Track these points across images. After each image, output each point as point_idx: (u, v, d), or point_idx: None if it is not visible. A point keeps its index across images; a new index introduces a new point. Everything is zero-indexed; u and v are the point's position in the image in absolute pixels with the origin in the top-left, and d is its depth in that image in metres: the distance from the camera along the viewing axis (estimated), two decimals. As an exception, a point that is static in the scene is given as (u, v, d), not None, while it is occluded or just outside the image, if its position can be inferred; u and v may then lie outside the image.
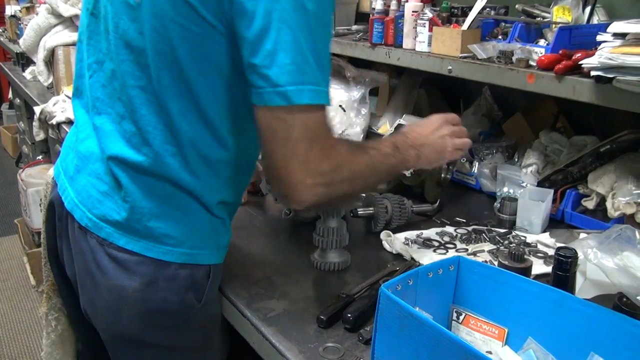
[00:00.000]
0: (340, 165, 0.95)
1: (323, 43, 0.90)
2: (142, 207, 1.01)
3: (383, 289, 0.83)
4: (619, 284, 1.02)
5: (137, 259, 1.01)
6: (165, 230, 1.01)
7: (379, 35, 1.74)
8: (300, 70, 0.86)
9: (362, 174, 1.01)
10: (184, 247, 1.03)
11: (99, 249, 1.03)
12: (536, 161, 1.60)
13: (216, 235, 1.08)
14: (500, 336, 0.92)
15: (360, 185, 1.04)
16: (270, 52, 0.85)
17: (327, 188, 0.94)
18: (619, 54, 1.11)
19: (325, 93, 0.90)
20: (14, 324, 3.02)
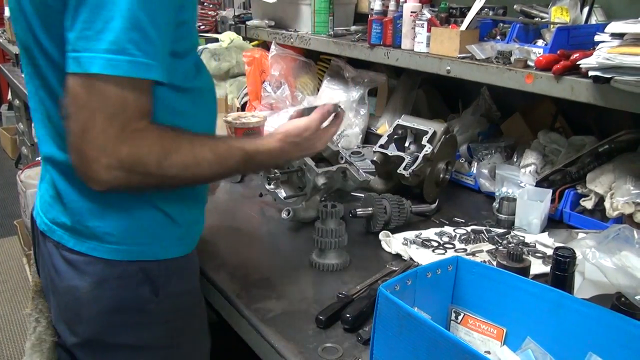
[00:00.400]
0: (148, 157, 0.89)
1: (145, 10, 0.83)
2: (80, 208, 1.00)
3: (382, 289, 0.83)
4: (617, 283, 1.02)
5: (86, 260, 1.01)
6: (105, 228, 1.00)
7: (378, 35, 1.75)
8: (97, 36, 0.81)
9: (177, 176, 0.95)
10: (128, 244, 1.01)
11: (55, 252, 1.04)
12: (535, 161, 1.60)
13: (163, 229, 1.05)
14: (499, 336, 0.92)
15: (173, 184, 0.99)
16: (72, 14, 0.82)
17: (127, 174, 0.88)
18: (617, 54, 1.11)
19: (137, 65, 0.83)
20: (13, 325, 3.01)
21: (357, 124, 2.08)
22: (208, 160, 0.98)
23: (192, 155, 0.95)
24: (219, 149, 1.01)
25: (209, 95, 1.11)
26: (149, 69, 0.84)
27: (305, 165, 1.46)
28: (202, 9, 2.70)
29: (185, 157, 0.94)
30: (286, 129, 1.15)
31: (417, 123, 1.64)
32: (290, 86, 2.21)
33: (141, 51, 0.83)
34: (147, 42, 0.83)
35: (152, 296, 1.04)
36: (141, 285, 1.03)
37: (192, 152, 0.95)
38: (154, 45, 0.84)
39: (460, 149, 1.81)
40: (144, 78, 0.85)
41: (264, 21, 2.34)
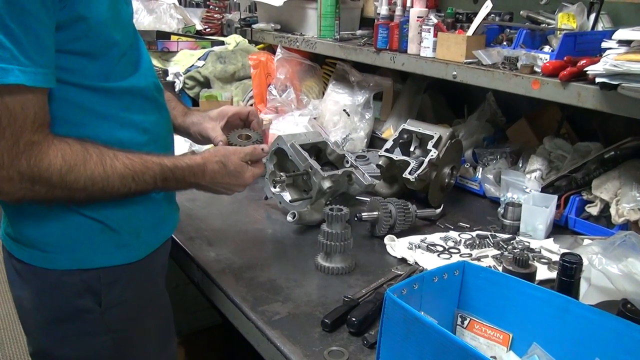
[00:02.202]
0: (47, 171, 0.88)
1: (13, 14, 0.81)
2: (15, 217, 1.00)
3: (389, 293, 0.84)
4: (623, 290, 1.02)
5: (29, 269, 1.01)
6: (41, 237, 1.00)
7: (384, 40, 1.75)
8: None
9: (85, 190, 0.93)
10: (62, 252, 1.00)
11: (8, 261, 1.05)
12: (540, 167, 1.60)
13: (97, 236, 1.03)
14: (505, 341, 0.92)
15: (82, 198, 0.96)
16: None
17: (32, 188, 0.88)
18: (624, 60, 1.12)
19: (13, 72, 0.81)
20: (16, 325, 3.02)
21: (362, 128, 2.08)
22: (120, 174, 0.96)
23: (100, 169, 0.93)
24: (134, 163, 0.98)
25: (150, 94, 1.07)
26: (5, 73, 0.82)
27: (311, 169, 1.46)
28: (208, 12, 2.72)
29: (93, 171, 0.92)
30: (215, 148, 1.16)
31: (422, 128, 1.65)
32: (296, 90, 2.22)
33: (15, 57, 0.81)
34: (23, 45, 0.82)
35: (95, 306, 1.03)
36: (82, 295, 1.02)
37: (101, 166, 0.94)
38: (7, 49, 0.82)
39: (466, 154, 1.81)
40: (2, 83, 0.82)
41: (269, 24, 2.35)
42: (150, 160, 1.02)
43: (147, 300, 1.12)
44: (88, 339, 1.05)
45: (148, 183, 1.00)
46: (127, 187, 0.98)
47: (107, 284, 1.04)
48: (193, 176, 1.09)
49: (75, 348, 1.05)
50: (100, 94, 0.97)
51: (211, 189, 1.16)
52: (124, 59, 1.00)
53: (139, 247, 1.08)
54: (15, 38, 0.82)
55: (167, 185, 1.05)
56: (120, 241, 1.05)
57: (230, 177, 1.15)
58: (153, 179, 1.01)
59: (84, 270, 1.02)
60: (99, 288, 1.03)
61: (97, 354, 1.06)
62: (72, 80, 0.93)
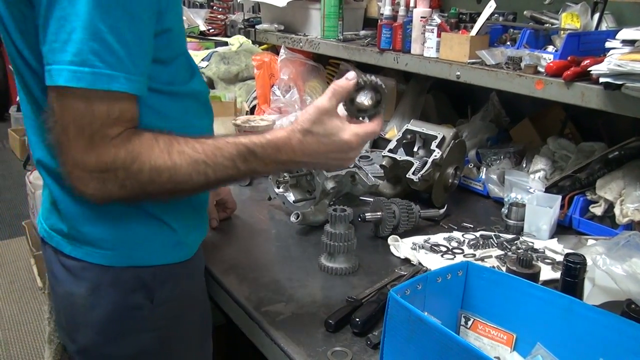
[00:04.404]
0: (115, 165, 0.86)
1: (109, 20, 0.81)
2: (73, 213, 1.00)
3: (392, 293, 0.84)
4: (627, 290, 1.02)
5: (81, 265, 1.01)
6: (99, 234, 1.00)
7: (387, 40, 1.75)
8: (62, 48, 0.80)
9: (153, 181, 0.89)
10: (122, 250, 1.01)
11: (54, 258, 1.05)
12: (544, 167, 1.60)
13: (157, 235, 1.04)
14: (509, 342, 0.92)
15: (156, 191, 0.92)
16: (42, 27, 0.82)
17: (102, 185, 0.87)
18: (628, 60, 1.11)
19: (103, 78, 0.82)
20: (21, 326, 3.03)
21: (366, 129, 2.08)
22: (189, 159, 0.89)
23: (165, 157, 0.89)
24: (204, 146, 0.91)
25: (204, 99, 1.10)
26: (111, 80, 0.82)
27: (315, 169, 1.46)
28: (211, 13, 2.72)
29: (156, 160, 0.88)
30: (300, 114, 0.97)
31: (426, 128, 1.65)
32: (299, 90, 2.22)
33: (103, 62, 0.81)
34: (109, 53, 0.82)
35: (147, 302, 1.04)
36: (136, 292, 1.03)
37: (167, 153, 0.89)
38: (117, 56, 0.82)
39: (469, 154, 1.81)
40: (106, 89, 0.83)
41: (273, 25, 2.35)
42: (223, 140, 0.93)
43: (192, 298, 1.14)
44: (137, 335, 1.06)
45: (226, 166, 0.92)
46: (202, 174, 0.91)
47: (161, 282, 1.05)
48: (279, 152, 0.94)
49: (124, 344, 1.05)
50: (167, 97, 0.98)
51: (317, 164, 1.03)
52: (185, 65, 1.03)
53: (190, 245, 1.10)
54: (127, 44, 0.83)
55: (251, 166, 0.93)
56: (177, 239, 1.06)
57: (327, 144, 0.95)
58: (230, 160, 0.91)
59: (141, 268, 1.03)
60: (153, 285, 1.04)
61: (143, 350, 1.07)
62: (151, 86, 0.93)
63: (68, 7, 0.79)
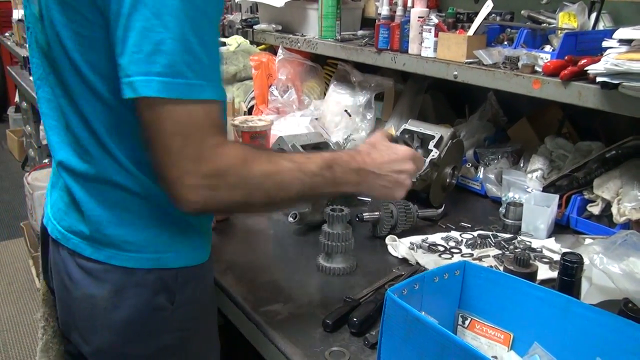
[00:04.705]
0: (228, 169, 0.88)
1: (195, 30, 0.82)
2: (98, 216, 1.00)
3: (389, 293, 0.84)
4: (624, 289, 1.02)
5: (103, 268, 1.01)
6: (125, 237, 1.00)
7: (385, 40, 1.75)
8: (148, 59, 0.80)
9: (260, 183, 0.92)
10: (147, 252, 1.01)
11: (70, 260, 1.03)
12: (541, 166, 1.60)
13: (182, 236, 1.04)
14: (506, 341, 0.92)
15: (260, 197, 0.94)
16: (121, 39, 0.81)
17: (213, 192, 0.88)
18: (624, 60, 1.11)
19: (196, 87, 0.83)
20: (20, 327, 3.03)
21: (364, 128, 2.08)
22: (288, 167, 0.95)
23: (271, 164, 0.93)
24: (294, 156, 0.99)
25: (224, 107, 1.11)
26: (202, 89, 0.84)
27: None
28: (209, 13, 2.72)
29: (265, 166, 0.92)
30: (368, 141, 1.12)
31: (423, 128, 1.65)
32: (297, 90, 2.22)
33: (193, 72, 0.83)
34: (199, 63, 0.83)
35: (168, 304, 1.04)
36: (158, 294, 1.03)
37: (269, 160, 0.93)
38: (204, 65, 0.84)
39: (467, 153, 1.81)
40: (201, 99, 0.84)
41: (271, 25, 2.35)
42: (310, 154, 1.02)
43: (209, 299, 1.14)
44: (158, 337, 1.05)
45: (316, 174, 0.98)
46: (298, 181, 0.96)
47: (182, 284, 1.05)
48: (353, 159, 1.05)
49: (144, 345, 1.05)
50: None
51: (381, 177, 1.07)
52: None
53: (206, 248, 1.11)
54: (210, 53, 0.85)
55: (334, 174, 1.00)
56: (199, 242, 1.08)
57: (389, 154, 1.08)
58: (319, 167, 0.98)
59: (164, 270, 1.03)
60: (175, 287, 1.04)
61: (163, 351, 1.07)
62: None
63: (152, 18, 0.79)
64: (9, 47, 4.88)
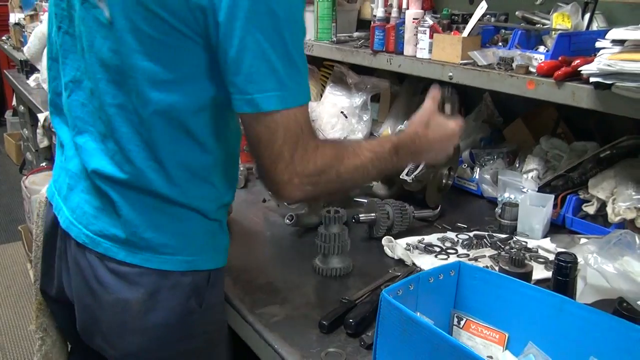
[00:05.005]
0: (327, 167, 0.97)
1: (294, 45, 0.90)
2: (135, 220, 1.00)
3: (384, 294, 0.84)
4: (619, 288, 1.03)
5: (138, 271, 1.01)
6: (161, 240, 1.01)
7: (380, 42, 1.76)
8: (264, 77, 0.88)
9: (351, 176, 1.02)
10: (183, 255, 1.02)
11: (99, 264, 1.03)
12: (537, 167, 1.61)
13: (213, 239, 1.08)
14: (501, 341, 0.93)
15: (348, 185, 1.08)
16: (235, 59, 0.87)
17: (314, 187, 0.96)
18: (617, 60, 1.12)
19: (299, 95, 0.92)
20: (17, 330, 3.02)
21: (360, 130, 2.09)
22: (369, 157, 1.04)
23: (358, 158, 1.02)
24: (371, 145, 1.07)
25: None
26: (301, 95, 0.92)
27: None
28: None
29: (354, 160, 1.01)
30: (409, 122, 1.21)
31: (419, 129, 1.65)
32: (294, 92, 2.22)
33: (296, 83, 0.91)
34: (298, 73, 0.92)
35: (197, 307, 1.05)
36: (191, 297, 1.04)
37: (355, 154, 1.02)
38: (301, 73, 0.93)
39: (463, 154, 1.82)
40: (301, 104, 0.92)
41: (267, 28, 2.35)
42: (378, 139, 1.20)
43: (223, 302, 1.16)
44: (187, 340, 1.06)
45: (387, 159, 1.08)
46: (376, 168, 1.05)
47: (211, 286, 1.07)
48: (413, 143, 1.14)
49: (174, 349, 1.06)
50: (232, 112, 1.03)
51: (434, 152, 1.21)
52: None
53: (226, 250, 1.13)
54: (304, 60, 0.93)
55: (399, 157, 1.10)
56: (224, 244, 1.11)
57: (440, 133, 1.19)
58: (388, 154, 1.08)
59: (197, 272, 1.04)
60: (204, 289, 1.06)
61: (191, 354, 1.08)
62: None
63: (263, 41, 0.87)
64: (6, 50, 4.88)
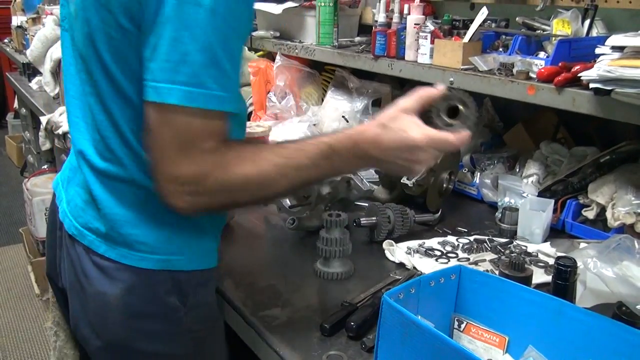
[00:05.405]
0: (204, 176, 0.88)
1: (222, 44, 0.85)
2: (115, 214, 1.01)
3: (385, 297, 0.85)
4: (618, 293, 1.03)
5: (116, 266, 1.02)
6: (138, 237, 1.01)
7: (382, 47, 1.77)
8: (175, 68, 0.83)
9: (243, 188, 0.92)
10: (159, 254, 1.02)
11: (85, 256, 1.05)
12: (537, 171, 1.62)
13: (195, 240, 1.06)
14: (501, 344, 0.94)
15: (246, 198, 0.95)
16: (153, 46, 0.85)
17: (195, 197, 0.89)
18: (617, 66, 1.13)
19: (215, 98, 0.85)
20: (18, 333, 3.03)
21: (361, 134, 2.10)
22: (273, 164, 0.92)
23: (254, 164, 0.91)
24: (288, 150, 0.95)
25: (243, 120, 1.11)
26: (222, 101, 0.86)
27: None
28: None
29: (246, 168, 0.91)
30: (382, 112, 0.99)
31: (420, 133, 1.66)
32: (295, 96, 2.24)
33: (217, 84, 0.85)
34: (224, 75, 0.86)
35: (181, 305, 1.05)
36: (170, 294, 1.04)
37: (254, 160, 0.92)
38: (229, 78, 0.87)
39: (463, 159, 1.83)
40: (217, 110, 0.86)
41: (269, 32, 2.37)
42: (305, 141, 0.96)
43: (215, 304, 1.15)
44: (170, 336, 1.07)
45: (308, 166, 0.94)
46: (286, 177, 0.93)
47: (195, 286, 1.06)
48: (356, 145, 0.95)
49: (157, 344, 1.06)
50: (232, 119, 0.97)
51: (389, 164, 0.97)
52: None
53: (216, 252, 1.12)
54: (236, 66, 0.88)
55: (332, 162, 0.94)
56: (213, 246, 1.10)
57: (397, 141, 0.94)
58: (312, 160, 0.93)
59: (176, 271, 1.04)
60: (187, 289, 1.06)
61: (175, 352, 1.08)
62: None
63: (182, 29, 0.82)
64: (8, 53, 4.89)
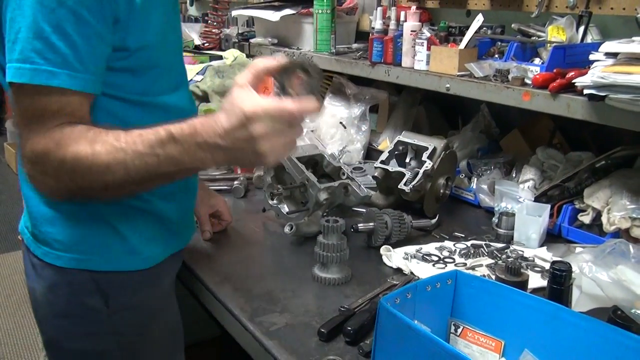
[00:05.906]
0: (45, 154, 0.87)
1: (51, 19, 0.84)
2: (37, 212, 1.05)
3: (382, 302, 0.86)
4: (613, 297, 1.04)
5: (41, 264, 1.06)
6: (55, 235, 1.04)
7: (379, 53, 1.78)
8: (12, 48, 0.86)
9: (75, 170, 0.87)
10: (75, 253, 1.04)
11: (26, 254, 1.11)
12: (533, 177, 1.63)
13: (109, 241, 1.06)
14: (497, 348, 0.94)
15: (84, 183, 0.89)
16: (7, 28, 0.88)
17: (43, 177, 0.90)
18: (610, 72, 1.14)
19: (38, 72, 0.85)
20: (17, 340, 3.02)
21: (359, 140, 2.11)
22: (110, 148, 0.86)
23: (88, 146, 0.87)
24: (129, 136, 0.87)
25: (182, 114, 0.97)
26: (52, 76, 0.86)
27: (308, 181, 1.48)
28: (206, 27, 2.75)
29: (80, 147, 0.87)
30: None
31: (417, 139, 1.67)
32: (293, 103, 2.24)
33: (44, 59, 0.85)
34: (52, 51, 0.85)
35: (103, 307, 1.07)
36: (92, 294, 1.06)
37: (90, 141, 0.87)
38: (61, 54, 0.86)
39: (460, 164, 1.83)
40: (47, 85, 0.86)
41: (267, 39, 2.38)
42: (149, 128, 0.88)
43: (155, 310, 1.15)
44: (94, 337, 1.09)
45: (144, 153, 0.86)
46: (121, 163, 0.86)
47: (116, 287, 1.08)
48: (197, 134, 0.85)
49: (82, 343, 1.09)
50: (133, 106, 1.01)
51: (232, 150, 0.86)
52: (162, 79, 1.05)
53: (147, 256, 1.11)
54: (73, 44, 0.87)
55: (170, 151, 0.85)
56: (129, 248, 1.08)
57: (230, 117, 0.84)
58: (149, 147, 0.86)
59: (96, 272, 1.06)
60: (109, 290, 1.07)
61: (102, 353, 1.10)
62: (114, 94, 0.98)
63: (16, 9, 0.86)
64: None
